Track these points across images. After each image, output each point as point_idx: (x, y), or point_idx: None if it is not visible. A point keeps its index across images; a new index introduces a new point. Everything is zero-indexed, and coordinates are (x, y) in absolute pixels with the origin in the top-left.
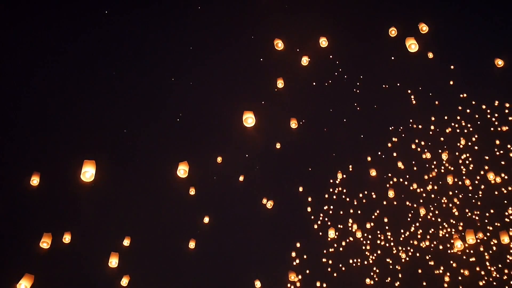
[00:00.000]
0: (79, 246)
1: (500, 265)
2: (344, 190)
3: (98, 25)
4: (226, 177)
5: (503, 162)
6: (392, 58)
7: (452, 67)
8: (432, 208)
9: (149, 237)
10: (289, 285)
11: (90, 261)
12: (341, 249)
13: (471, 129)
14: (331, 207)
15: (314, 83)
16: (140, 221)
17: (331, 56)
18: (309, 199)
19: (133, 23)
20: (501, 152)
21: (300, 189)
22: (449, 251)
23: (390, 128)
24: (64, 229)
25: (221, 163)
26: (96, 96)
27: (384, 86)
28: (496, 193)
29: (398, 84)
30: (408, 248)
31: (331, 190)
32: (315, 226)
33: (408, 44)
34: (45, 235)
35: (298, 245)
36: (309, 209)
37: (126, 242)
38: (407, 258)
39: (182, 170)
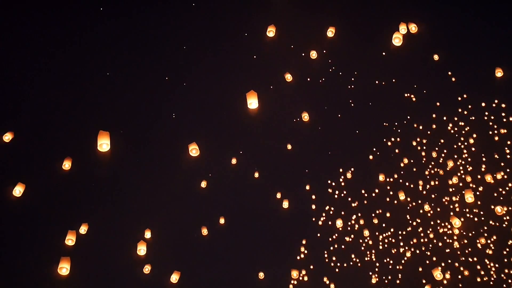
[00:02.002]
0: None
1: (498, 265)
2: (346, 189)
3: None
4: (231, 174)
5: (502, 164)
6: (383, 53)
7: (449, 73)
8: (431, 207)
9: (164, 226)
10: (293, 281)
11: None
12: (343, 246)
13: (467, 128)
14: (332, 208)
15: (308, 79)
16: (156, 211)
17: (324, 51)
18: (313, 197)
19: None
20: (500, 152)
21: (307, 187)
22: (447, 250)
23: (385, 124)
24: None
25: (226, 158)
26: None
27: (376, 81)
28: (495, 194)
29: (394, 80)
30: (406, 248)
31: (330, 190)
32: (320, 223)
33: (393, 38)
34: (69, 232)
35: (304, 241)
36: (313, 207)
37: (148, 234)
38: (408, 256)
39: (194, 150)
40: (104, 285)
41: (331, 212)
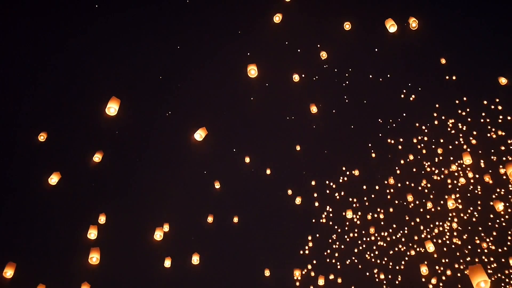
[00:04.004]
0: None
1: (498, 264)
2: (349, 187)
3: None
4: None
5: (500, 166)
6: (376, 50)
7: (454, 77)
8: (432, 205)
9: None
10: (296, 277)
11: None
12: (342, 246)
13: (464, 128)
14: (332, 208)
15: (303, 75)
16: (170, 208)
17: (318, 45)
18: (315, 194)
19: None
20: (498, 152)
21: (313, 183)
22: (444, 249)
23: (380, 121)
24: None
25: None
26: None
27: (370, 76)
28: (494, 196)
29: (388, 75)
30: (407, 247)
31: (334, 188)
32: (324, 220)
33: (388, 25)
34: (91, 226)
35: (309, 237)
36: (316, 204)
37: (166, 227)
38: (412, 254)
39: (199, 135)
40: (126, 272)
41: (330, 213)
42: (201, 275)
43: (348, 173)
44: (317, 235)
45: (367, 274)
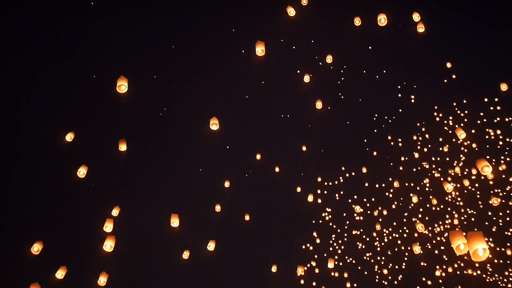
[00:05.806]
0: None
1: (497, 263)
2: (350, 186)
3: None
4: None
5: (500, 168)
6: (370, 48)
7: (454, 76)
8: (434, 203)
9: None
10: (299, 274)
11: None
12: (343, 247)
13: (457, 127)
14: (334, 207)
15: (298, 71)
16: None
17: (313, 41)
18: (318, 191)
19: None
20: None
21: (319, 179)
22: (442, 247)
23: (375, 116)
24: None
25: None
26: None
27: (364, 71)
28: (491, 196)
29: (385, 71)
30: (406, 246)
31: (333, 186)
32: (326, 218)
33: (379, 19)
34: (108, 220)
35: (314, 234)
36: (319, 201)
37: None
38: (414, 252)
39: (215, 125)
40: (143, 261)
41: (331, 212)
42: (207, 271)
43: (347, 174)
44: (319, 234)
45: (367, 272)
